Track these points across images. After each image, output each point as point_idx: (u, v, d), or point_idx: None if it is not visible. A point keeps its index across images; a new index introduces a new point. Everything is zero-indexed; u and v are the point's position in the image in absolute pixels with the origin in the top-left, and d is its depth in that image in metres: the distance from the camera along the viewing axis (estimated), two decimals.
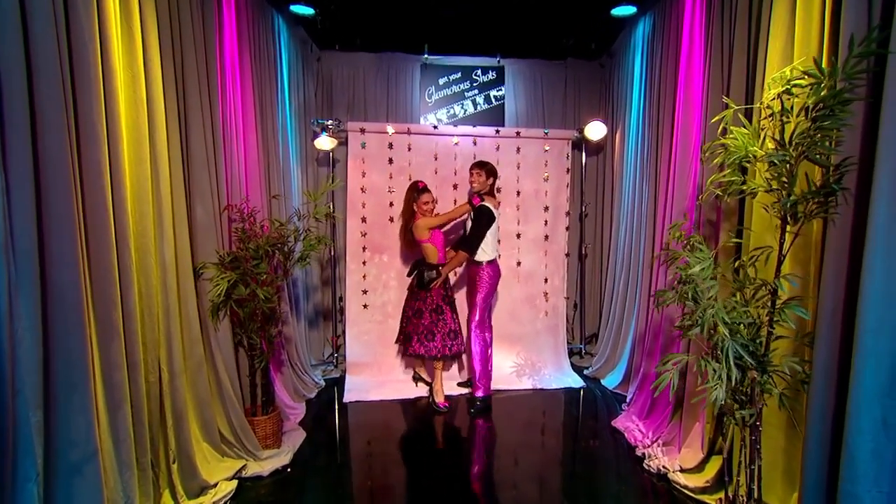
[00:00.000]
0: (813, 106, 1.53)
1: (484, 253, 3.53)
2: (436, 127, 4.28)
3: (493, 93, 4.56)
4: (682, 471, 2.55)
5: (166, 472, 2.22)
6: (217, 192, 2.63)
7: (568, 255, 4.47)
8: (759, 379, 1.75)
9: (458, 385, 3.92)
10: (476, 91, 4.55)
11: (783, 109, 1.66)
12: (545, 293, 4.37)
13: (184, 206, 2.38)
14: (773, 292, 1.76)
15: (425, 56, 4.44)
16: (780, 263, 1.76)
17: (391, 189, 4.14)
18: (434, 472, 2.78)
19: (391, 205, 4.13)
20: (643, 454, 2.78)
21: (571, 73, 4.69)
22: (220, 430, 2.57)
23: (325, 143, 4.10)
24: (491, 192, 3.62)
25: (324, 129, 4.08)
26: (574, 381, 4.03)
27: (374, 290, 4.18)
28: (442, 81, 4.50)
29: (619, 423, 3.22)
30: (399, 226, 3.87)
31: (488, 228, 3.49)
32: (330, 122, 4.13)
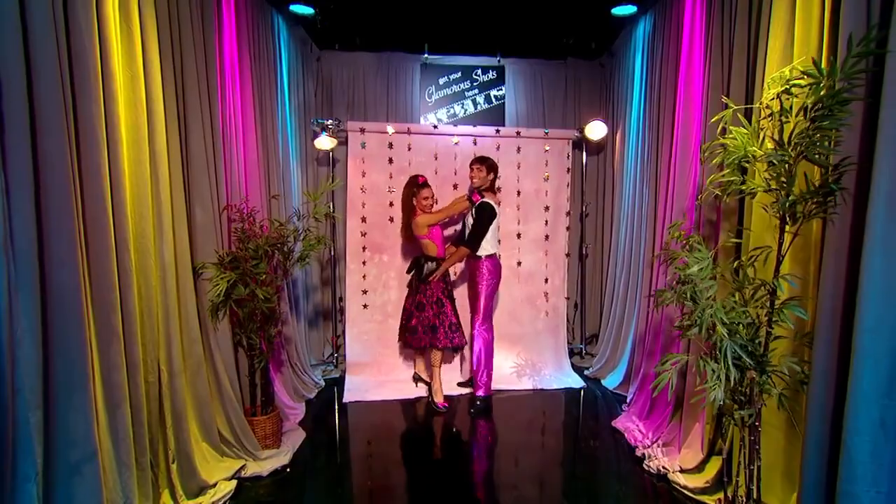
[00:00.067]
0: (812, 106, 1.52)
1: (484, 249, 3.53)
2: (436, 127, 4.28)
3: (494, 92, 4.56)
4: (682, 471, 2.55)
5: (165, 472, 2.22)
6: (216, 193, 2.63)
7: (568, 255, 4.47)
8: (757, 379, 1.75)
9: (458, 385, 3.92)
10: (476, 91, 4.54)
11: (782, 109, 1.66)
12: (545, 293, 4.36)
13: (183, 206, 2.38)
14: (771, 292, 1.76)
15: (425, 55, 4.44)
16: (778, 263, 1.76)
17: (391, 189, 4.13)
18: (434, 473, 2.78)
19: (391, 205, 4.13)
20: (643, 454, 2.77)
21: (572, 73, 4.68)
22: (220, 430, 2.57)
23: (324, 142, 4.10)
24: (491, 189, 3.62)
25: (324, 129, 4.08)
26: (574, 382, 4.03)
27: (374, 289, 4.18)
28: (442, 81, 4.50)
29: (619, 423, 3.22)
30: (400, 221, 3.87)
31: (490, 225, 3.49)
32: (330, 121, 4.12)
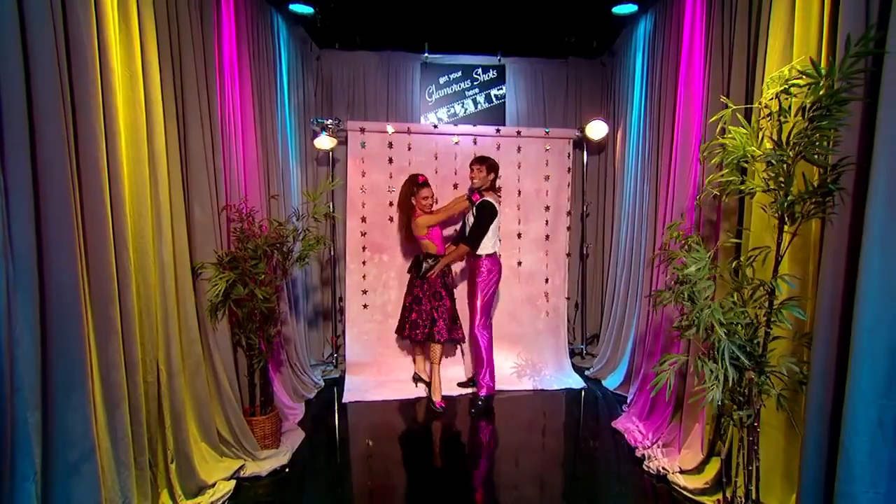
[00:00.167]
0: (810, 106, 1.52)
1: (484, 247, 3.52)
2: (436, 126, 4.27)
3: (494, 92, 4.55)
4: (682, 472, 2.54)
5: (164, 472, 2.22)
6: (215, 192, 2.63)
7: (569, 254, 4.46)
8: (756, 380, 1.74)
9: (458, 385, 3.91)
10: (477, 90, 4.54)
11: (781, 109, 1.65)
12: (546, 293, 4.36)
13: (182, 205, 2.39)
14: (770, 293, 1.75)
15: (425, 55, 4.43)
16: (777, 263, 1.75)
17: (391, 189, 4.13)
18: (434, 473, 2.78)
19: (391, 204, 4.12)
20: (643, 455, 2.77)
21: (573, 72, 4.67)
22: (219, 430, 2.57)
23: (324, 142, 4.10)
24: (492, 188, 3.61)
25: (323, 129, 4.07)
26: (575, 382, 4.02)
27: (374, 289, 4.18)
28: (442, 80, 4.49)
29: (619, 424, 3.21)
30: (398, 219, 3.86)
31: (491, 223, 3.49)
32: (329, 121, 4.12)
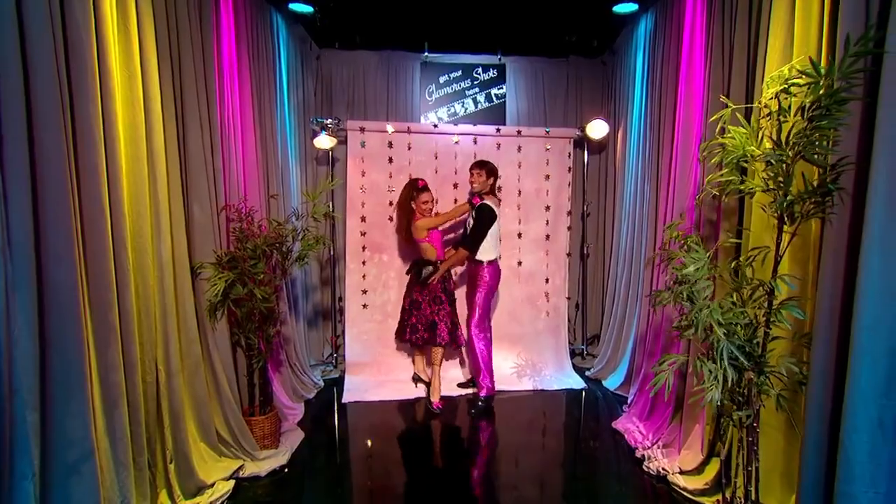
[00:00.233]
0: (809, 105, 1.51)
1: (485, 252, 3.51)
2: (436, 126, 4.26)
3: (494, 91, 4.54)
4: (682, 473, 2.54)
5: (163, 472, 2.22)
6: (214, 192, 2.63)
7: (569, 254, 4.45)
8: (755, 380, 1.74)
9: (458, 386, 3.90)
10: (477, 89, 4.53)
11: (780, 109, 1.65)
12: (546, 293, 4.35)
13: (181, 205, 2.38)
14: (769, 293, 1.74)
15: (426, 54, 4.42)
16: (776, 263, 1.74)
17: (391, 188, 4.12)
18: (433, 473, 2.78)
19: (391, 204, 4.12)
20: (643, 456, 2.76)
21: (573, 71, 4.65)
22: (218, 430, 2.57)
23: (324, 141, 4.09)
24: (492, 192, 3.60)
25: (323, 128, 4.06)
26: (575, 383, 4.01)
27: (374, 289, 4.17)
28: (442, 79, 4.48)
29: (619, 424, 3.21)
30: (396, 223, 3.85)
31: (490, 227, 3.48)
32: (329, 120, 4.11)
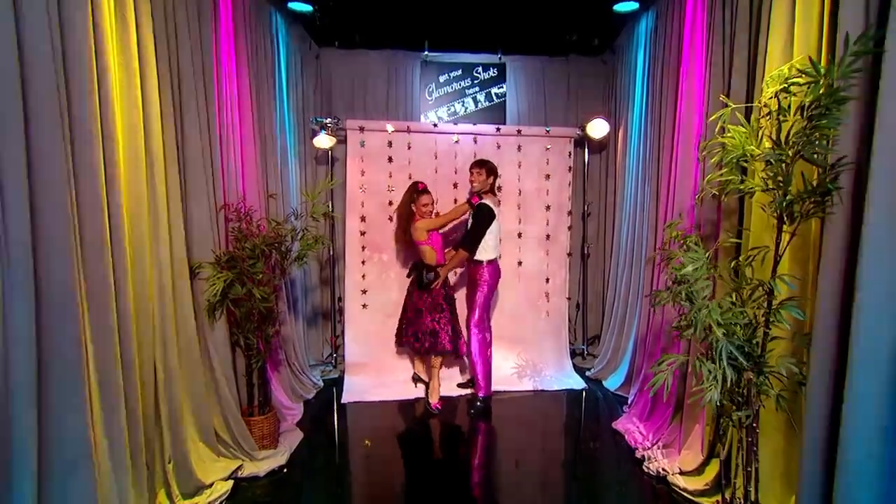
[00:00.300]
0: (809, 105, 1.50)
1: (485, 252, 3.50)
2: (436, 125, 4.25)
3: (495, 90, 4.52)
4: (682, 473, 2.53)
5: (161, 472, 2.22)
6: (213, 191, 2.62)
7: (570, 254, 4.43)
8: (755, 380, 1.73)
9: (457, 386, 3.89)
10: (477, 88, 4.51)
11: (780, 108, 1.63)
12: (547, 293, 4.33)
13: (179, 205, 2.38)
14: (769, 293, 1.73)
15: (425, 53, 4.40)
16: (776, 263, 1.73)
17: (391, 188, 4.11)
18: (433, 474, 2.77)
19: (390, 204, 4.10)
20: (643, 456, 2.75)
21: (574, 70, 4.63)
22: (216, 430, 2.56)
23: (323, 141, 4.08)
24: (491, 191, 3.59)
25: (322, 128, 4.05)
26: (576, 383, 3.99)
27: (374, 289, 4.16)
28: (442, 79, 4.47)
29: (619, 424, 3.20)
30: (396, 226, 3.84)
31: (488, 227, 3.46)
32: (329, 120, 4.10)
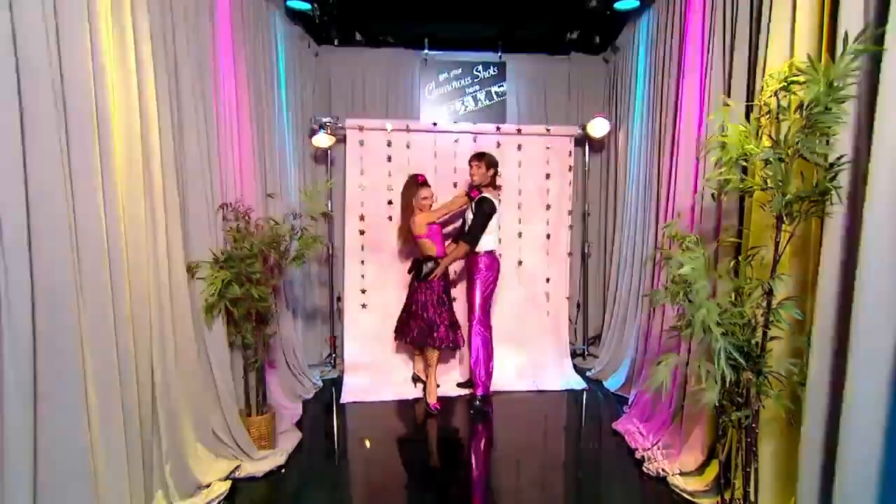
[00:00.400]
0: (808, 103, 1.48)
1: (482, 244, 3.48)
2: (435, 124, 4.23)
3: (495, 89, 4.49)
4: (682, 474, 2.52)
5: (159, 472, 2.21)
6: (211, 191, 2.61)
7: (570, 254, 4.41)
8: (754, 380, 1.71)
9: (457, 385, 3.89)
10: (477, 87, 4.48)
11: (780, 107, 1.62)
12: (547, 293, 4.31)
13: (177, 204, 2.37)
14: (768, 292, 1.71)
15: (425, 51, 4.38)
16: (775, 263, 1.71)
17: (390, 187, 4.09)
18: (432, 474, 2.76)
19: (390, 203, 4.09)
20: (643, 457, 2.73)
21: (575, 69, 4.61)
22: (214, 430, 2.56)
23: (322, 140, 4.07)
24: (492, 184, 3.57)
25: (321, 127, 4.04)
26: (576, 383, 3.98)
27: (373, 289, 4.14)
28: (442, 77, 4.44)
29: (619, 425, 3.18)
30: (398, 223, 3.82)
31: (489, 220, 3.45)
32: (328, 119, 4.09)
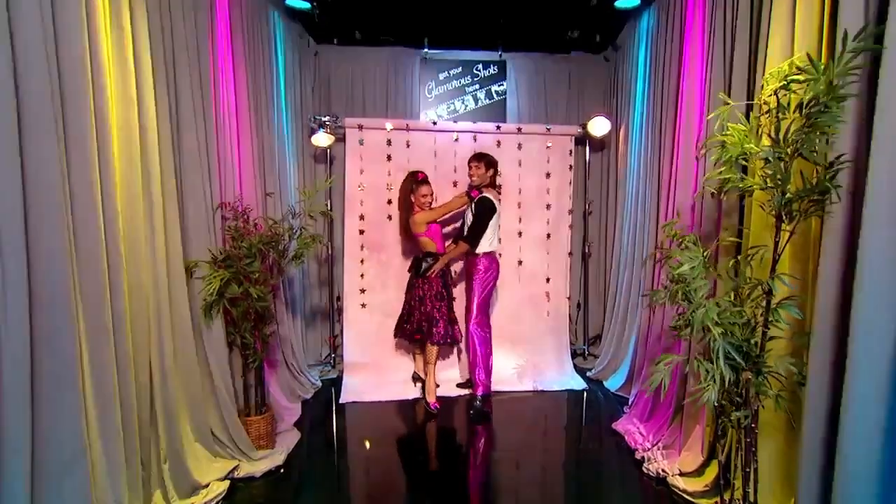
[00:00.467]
0: (807, 102, 1.47)
1: (481, 245, 3.47)
2: (435, 123, 4.22)
3: (495, 88, 4.48)
4: (682, 474, 2.51)
5: (157, 472, 2.21)
6: (210, 190, 2.60)
7: (571, 254, 4.40)
8: (753, 380, 1.70)
9: (457, 386, 3.88)
10: (477, 86, 4.47)
11: (779, 105, 1.60)
12: (547, 293, 4.30)
13: (175, 203, 2.36)
14: (767, 292, 1.70)
15: (425, 50, 4.37)
16: (774, 262, 1.70)
17: (389, 186, 4.08)
18: (431, 474, 2.75)
19: (389, 202, 4.08)
20: (643, 457, 2.72)
21: (575, 67, 4.60)
22: (213, 430, 2.55)
23: (322, 139, 4.06)
24: (492, 184, 3.56)
25: (321, 126, 4.04)
26: (576, 384, 3.97)
27: (373, 289, 4.13)
28: (442, 76, 4.43)
29: (619, 425, 3.17)
30: (398, 219, 3.81)
31: (489, 220, 3.44)
32: (327, 118, 4.08)
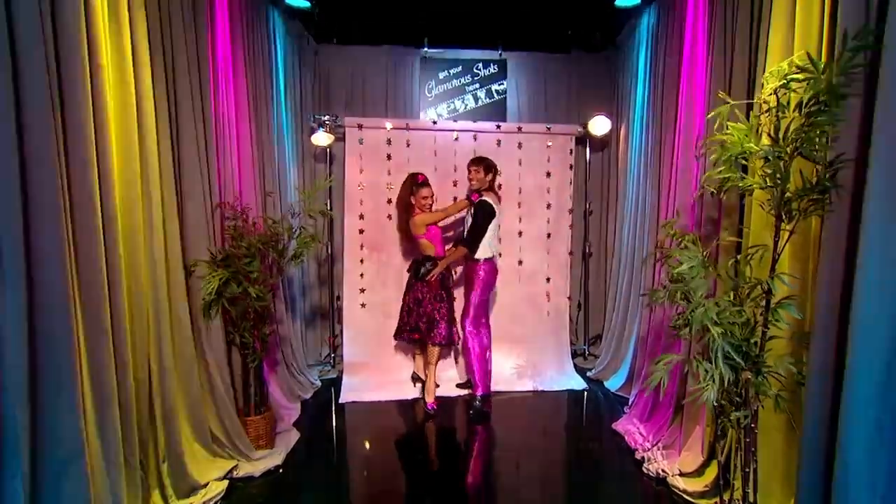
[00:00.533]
0: (807, 101, 1.46)
1: (482, 250, 3.47)
2: (435, 122, 4.21)
3: (495, 87, 4.47)
4: (682, 475, 2.50)
5: (156, 472, 2.21)
6: (209, 189, 2.60)
7: (571, 253, 4.39)
8: (752, 380, 1.70)
9: (456, 386, 3.87)
10: (477, 85, 4.46)
11: (779, 104, 1.60)
12: (547, 293, 4.29)
13: (174, 203, 2.36)
14: (767, 291, 1.70)
15: (425, 49, 4.36)
16: (774, 262, 1.70)
17: (389, 186, 4.07)
18: (431, 474, 2.75)
19: (389, 202, 4.08)
20: (643, 458, 2.72)
21: (576, 67, 4.58)
22: (212, 430, 2.55)
23: (321, 138, 4.06)
24: (491, 188, 3.56)
25: (321, 125, 4.03)
26: (577, 384, 3.96)
27: (372, 288, 4.13)
28: (442, 75, 4.42)
29: (619, 425, 3.17)
30: (397, 217, 3.81)
31: (489, 224, 3.43)
32: (327, 117, 4.08)
